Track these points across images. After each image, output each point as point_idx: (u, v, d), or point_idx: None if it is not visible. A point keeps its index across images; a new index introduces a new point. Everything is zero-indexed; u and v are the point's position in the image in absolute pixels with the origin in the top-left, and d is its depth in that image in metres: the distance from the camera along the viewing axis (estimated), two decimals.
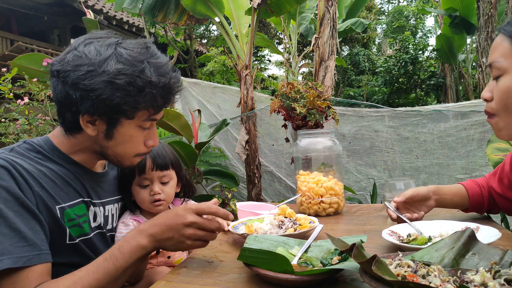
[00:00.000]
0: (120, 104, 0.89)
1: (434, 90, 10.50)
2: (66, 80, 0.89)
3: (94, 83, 0.87)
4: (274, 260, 0.77)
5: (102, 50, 0.90)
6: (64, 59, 0.91)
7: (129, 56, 0.90)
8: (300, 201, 1.49)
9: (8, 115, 2.84)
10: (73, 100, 0.89)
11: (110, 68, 0.87)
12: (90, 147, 0.99)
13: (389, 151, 3.57)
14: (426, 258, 0.73)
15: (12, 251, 0.80)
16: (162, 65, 0.94)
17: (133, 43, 0.95)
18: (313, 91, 2.16)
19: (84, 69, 0.87)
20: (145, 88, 0.90)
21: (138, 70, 0.89)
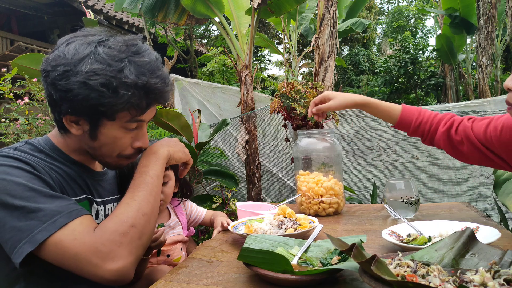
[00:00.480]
0: (96, 105, 0.87)
1: (434, 90, 10.49)
2: (46, 79, 0.89)
3: (69, 83, 0.85)
4: (274, 260, 0.77)
5: (80, 49, 0.87)
6: (48, 58, 0.90)
7: (107, 55, 0.87)
8: (300, 201, 1.50)
9: (8, 115, 2.84)
10: (55, 100, 0.89)
11: (84, 68, 0.85)
12: (83, 146, 0.99)
13: (389, 151, 3.57)
14: (425, 258, 0.73)
15: (60, 210, 0.82)
16: (143, 64, 0.89)
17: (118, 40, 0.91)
18: (313, 91, 2.16)
19: (61, 69, 0.86)
20: (119, 89, 0.86)
21: (116, 69, 0.86)
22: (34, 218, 0.80)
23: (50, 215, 0.81)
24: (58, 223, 0.80)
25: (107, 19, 8.96)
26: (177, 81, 4.33)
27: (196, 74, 8.15)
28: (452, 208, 1.41)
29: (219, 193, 2.73)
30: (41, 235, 0.79)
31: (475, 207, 1.40)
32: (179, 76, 4.37)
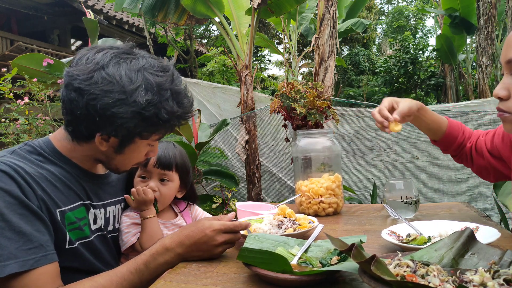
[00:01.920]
0: (141, 131, 0.92)
1: (434, 90, 10.50)
2: (93, 103, 0.86)
3: (123, 112, 0.86)
4: (273, 260, 0.77)
5: (133, 76, 0.88)
6: (91, 78, 0.86)
7: (156, 83, 0.89)
8: (299, 201, 1.50)
9: (8, 115, 2.84)
10: (96, 121, 0.88)
11: (140, 99, 0.86)
12: (94, 155, 1.01)
13: (389, 151, 3.57)
14: (425, 258, 0.73)
15: (18, 255, 0.80)
16: (181, 92, 0.95)
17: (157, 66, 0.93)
18: (313, 91, 2.16)
19: (115, 97, 0.85)
20: (171, 120, 0.93)
21: (164, 100, 0.90)
22: None
23: (5, 257, 0.79)
24: (8, 269, 0.78)
25: (107, 19, 8.96)
26: None
27: (196, 74, 8.16)
28: (452, 208, 1.41)
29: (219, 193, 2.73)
30: None
31: (475, 207, 1.40)
32: None
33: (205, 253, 0.95)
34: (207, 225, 0.95)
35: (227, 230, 0.96)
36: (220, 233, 0.95)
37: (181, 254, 0.94)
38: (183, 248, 0.94)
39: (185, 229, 0.97)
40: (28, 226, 0.83)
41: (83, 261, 0.98)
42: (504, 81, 0.87)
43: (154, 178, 1.21)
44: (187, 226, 0.98)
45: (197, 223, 0.98)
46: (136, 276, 0.89)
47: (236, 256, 0.83)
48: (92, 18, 3.28)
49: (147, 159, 1.09)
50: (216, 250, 0.96)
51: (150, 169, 1.19)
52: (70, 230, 0.95)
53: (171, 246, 0.94)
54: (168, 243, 0.94)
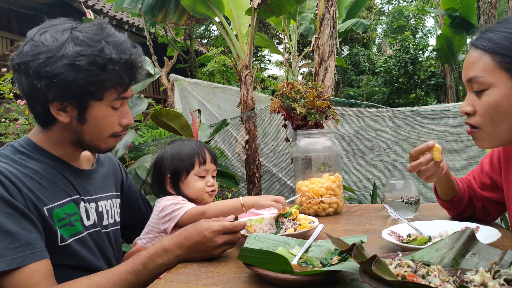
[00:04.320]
0: (85, 85, 0.89)
1: (434, 90, 10.49)
2: (27, 70, 0.88)
3: (55, 68, 0.86)
4: (274, 260, 0.77)
5: (58, 36, 0.89)
6: (22, 51, 0.90)
7: (86, 37, 0.89)
8: (299, 201, 1.50)
9: (8, 115, 2.84)
10: (39, 90, 0.88)
11: (68, 51, 0.87)
12: (68, 137, 0.99)
13: (389, 151, 3.57)
14: (426, 258, 0.73)
15: (4, 254, 0.80)
16: (121, 42, 0.93)
17: (88, 25, 0.94)
18: (313, 91, 2.16)
19: (44, 56, 0.86)
20: (107, 66, 0.89)
21: (97, 49, 0.89)
22: None
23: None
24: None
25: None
26: (177, 81, 4.33)
27: (196, 74, 8.16)
28: None
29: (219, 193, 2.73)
30: None
31: None
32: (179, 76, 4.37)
33: (204, 254, 0.95)
34: (205, 226, 0.94)
35: (226, 231, 0.95)
36: (219, 234, 0.94)
37: (180, 255, 0.93)
38: (182, 249, 0.93)
39: (184, 231, 0.96)
40: (15, 225, 0.83)
41: (78, 258, 0.97)
42: (468, 98, 0.96)
43: (210, 174, 1.26)
44: (186, 228, 0.97)
45: (196, 224, 0.97)
46: (133, 276, 0.89)
47: (237, 256, 0.83)
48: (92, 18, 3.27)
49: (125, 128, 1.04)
50: (215, 251, 0.95)
51: (208, 167, 1.24)
52: (61, 227, 0.94)
53: (170, 247, 0.93)
54: (167, 245, 0.94)
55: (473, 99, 0.94)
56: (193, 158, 1.22)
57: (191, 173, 1.22)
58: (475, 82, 0.91)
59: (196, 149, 1.24)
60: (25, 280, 0.81)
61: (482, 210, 1.20)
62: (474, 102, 0.93)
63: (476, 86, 0.92)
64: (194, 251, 0.94)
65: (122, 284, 0.87)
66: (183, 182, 1.23)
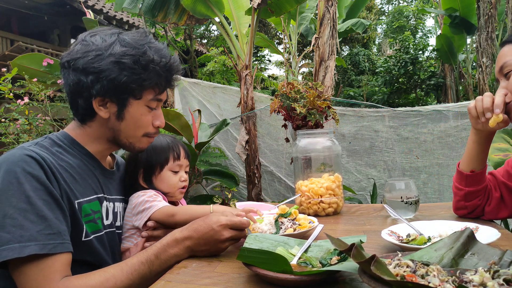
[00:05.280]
0: (127, 83, 0.96)
1: (434, 90, 10.49)
2: (76, 66, 0.96)
3: (102, 65, 0.95)
4: (273, 260, 0.77)
5: (106, 38, 0.98)
6: (72, 50, 0.99)
7: (131, 40, 0.99)
8: (299, 201, 1.50)
9: (8, 115, 2.84)
10: (85, 84, 0.96)
11: (116, 50, 0.96)
12: (104, 134, 1.04)
13: (389, 151, 3.57)
14: (425, 258, 0.73)
15: (38, 238, 0.82)
16: (161, 48, 1.03)
17: (133, 32, 1.04)
18: (313, 91, 2.16)
19: (93, 54, 0.95)
20: (149, 66, 0.97)
21: (141, 51, 0.98)
22: (11, 233, 0.81)
23: (26, 238, 0.81)
24: (28, 250, 0.81)
25: (107, 19, 8.95)
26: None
27: (196, 74, 8.16)
28: (452, 208, 1.41)
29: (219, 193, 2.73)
30: (6, 253, 0.80)
31: None
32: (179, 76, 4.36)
33: (212, 248, 0.97)
34: (214, 220, 0.97)
35: (233, 226, 0.98)
36: (226, 228, 0.97)
37: (190, 247, 0.96)
38: (191, 241, 0.96)
39: (194, 223, 0.99)
40: (50, 212, 0.87)
41: (96, 256, 1.00)
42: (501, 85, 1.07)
43: (183, 170, 1.28)
44: (196, 220, 1.00)
45: (206, 218, 0.99)
46: (146, 267, 0.91)
47: (236, 256, 0.83)
48: (92, 18, 3.28)
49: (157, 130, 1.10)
50: (222, 245, 0.98)
51: (181, 162, 1.26)
52: (86, 222, 0.98)
53: (181, 239, 0.96)
54: (178, 236, 0.96)
55: (504, 85, 1.05)
56: (167, 153, 1.25)
57: (165, 168, 1.24)
58: (506, 66, 1.02)
59: (171, 145, 1.27)
60: (47, 268, 0.83)
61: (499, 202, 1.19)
62: (505, 87, 1.04)
63: (506, 69, 1.02)
64: (202, 244, 0.96)
65: (135, 274, 0.89)
66: (157, 176, 1.24)
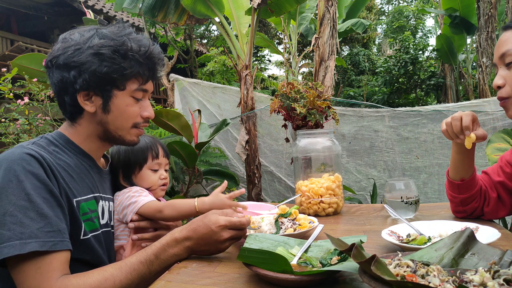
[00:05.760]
0: (108, 73, 0.97)
1: (434, 90, 10.49)
2: (58, 63, 0.97)
3: (82, 58, 0.96)
4: (273, 260, 0.77)
5: (84, 33, 1.00)
6: (53, 50, 1.01)
7: (110, 33, 1.00)
8: (299, 201, 1.50)
9: (8, 115, 2.84)
10: (68, 80, 0.97)
11: (94, 42, 0.97)
12: (94, 130, 1.04)
13: (389, 151, 3.57)
14: (425, 258, 0.73)
15: (38, 235, 0.82)
16: (140, 39, 1.03)
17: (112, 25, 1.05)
18: (313, 91, 2.16)
19: (72, 49, 0.97)
20: (128, 54, 0.98)
21: (120, 42, 0.99)
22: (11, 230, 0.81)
23: (27, 235, 0.81)
24: (29, 247, 0.80)
25: (107, 19, 8.95)
26: (177, 81, 4.32)
27: (196, 74, 8.16)
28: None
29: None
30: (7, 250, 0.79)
31: None
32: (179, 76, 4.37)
33: (212, 248, 0.97)
34: (213, 220, 0.96)
35: (232, 226, 0.97)
36: (225, 229, 0.96)
37: (190, 247, 0.95)
38: (191, 241, 0.95)
39: (193, 223, 0.98)
40: (50, 210, 0.87)
41: (94, 254, 1.00)
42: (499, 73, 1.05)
43: (163, 168, 1.30)
44: (195, 220, 0.99)
45: (205, 217, 0.98)
46: (145, 267, 0.91)
47: (236, 256, 0.83)
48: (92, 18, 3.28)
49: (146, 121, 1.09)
50: (222, 245, 0.97)
51: (160, 160, 1.28)
52: (84, 221, 0.98)
53: (180, 239, 0.95)
54: (177, 236, 0.96)
55: (504, 73, 1.03)
56: (146, 153, 1.26)
57: (144, 167, 1.26)
58: (508, 55, 1.02)
59: (149, 144, 1.28)
60: (45, 266, 0.83)
61: (497, 202, 1.19)
62: (505, 76, 1.03)
63: (508, 58, 1.02)
64: (202, 244, 0.96)
65: (134, 274, 0.89)
66: (136, 175, 1.26)
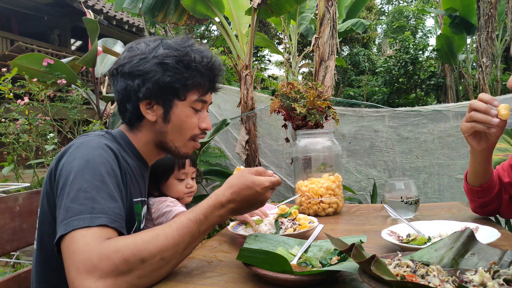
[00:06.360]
0: (171, 83, 0.98)
1: (434, 90, 10.50)
2: (123, 72, 1.00)
3: (147, 67, 0.98)
4: (273, 260, 0.77)
5: (150, 43, 1.03)
6: (119, 58, 1.03)
7: (174, 43, 1.02)
8: (299, 201, 1.50)
9: (8, 115, 2.84)
10: (132, 88, 0.99)
11: (159, 52, 0.99)
12: (152, 139, 1.05)
13: (389, 151, 3.57)
14: (425, 258, 0.73)
15: (109, 213, 0.82)
16: (203, 50, 1.06)
17: (176, 37, 1.07)
18: (313, 91, 2.16)
19: (137, 58, 0.99)
20: (191, 65, 1.00)
21: (183, 52, 1.00)
22: (83, 205, 0.81)
23: (98, 210, 0.81)
24: (99, 221, 0.80)
25: (107, 19, 8.96)
26: None
27: None
28: (452, 208, 1.41)
29: None
30: (77, 223, 0.78)
31: None
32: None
33: (253, 208, 0.97)
34: (257, 182, 0.95)
35: (273, 186, 0.98)
36: (269, 189, 0.96)
37: (233, 209, 0.94)
38: (234, 204, 0.94)
39: (234, 186, 0.95)
40: (119, 198, 0.88)
41: None
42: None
43: (189, 177, 1.33)
44: (235, 183, 0.95)
45: (244, 179, 0.95)
46: (196, 225, 0.89)
47: (236, 256, 0.83)
48: (92, 18, 3.28)
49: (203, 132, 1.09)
50: (261, 205, 0.98)
51: (187, 170, 1.31)
52: None
53: (225, 201, 0.94)
54: (222, 199, 0.94)
55: None
56: (172, 163, 1.30)
57: (171, 177, 1.30)
58: None
59: None
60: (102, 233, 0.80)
61: (508, 203, 1.17)
62: None
63: None
64: (245, 206, 0.95)
65: (186, 231, 0.87)
66: (163, 185, 1.30)
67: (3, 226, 1.19)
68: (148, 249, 0.79)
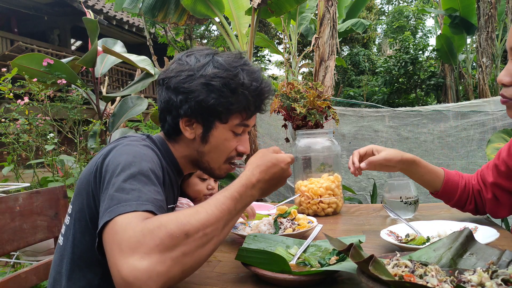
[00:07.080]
0: (214, 105, 0.95)
1: (434, 90, 10.50)
2: (169, 85, 0.97)
3: (192, 86, 0.95)
4: (272, 260, 0.77)
5: (201, 58, 0.99)
6: (168, 69, 1.00)
7: (225, 62, 0.98)
8: (299, 201, 1.50)
9: (8, 115, 2.84)
10: (174, 103, 0.97)
11: (207, 72, 0.95)
12: (189, 154, 1.03)
13: None
14: (423, 258, 0.73)
15: (154, 202, 0.81)
16: (254, 71, 1.01)
17: (228, 53, 1.03)
18: (313, 91, 2.16)
19: (185, 74, 0.96)
20: (238, 90, 0.96)
21: (232, 74, 0.96)
22: (130, 194, 0.79)
23: (144, 199, 0.79)
24: (145, 207, 0.77)
25: (107, 19, 8.96)
26: None
27: None
28: (451, 209, 1.41)
29: None
30: (123, 208, 0.76)
31: None
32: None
33: (278, 185, 0.96)
34: (280, 159, 0.94)
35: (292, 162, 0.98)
36: (290, 165, 0.96)
37: (262, 188, 0.92)
38: (262, 183, 0.92)
39: (259, 166, 0.92)
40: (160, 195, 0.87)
41: None
42: (508, 67, 0.90)
43: (211, 178, 1.30)
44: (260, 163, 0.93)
45: (269, 157, 0.94)
46: (232, 202, 0.86)
47: (235, 256, 0.83)
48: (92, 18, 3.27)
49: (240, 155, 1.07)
50: (284, 182, 0.97)
51: None
52: None
53: (256, 181, 0.91)
54: (252, 178, 0.91)
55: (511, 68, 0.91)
56: None
57: (193, 175, 1.27)
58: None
59: None
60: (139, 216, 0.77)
61: (493, 202, 1.16)
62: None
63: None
64: (272, 184, 0.94)
65: (224, 207, 0.84)
66: (184, 182, 1.26)
67: (3, 226, 1.19)
68: (191, 223, 0.76)
